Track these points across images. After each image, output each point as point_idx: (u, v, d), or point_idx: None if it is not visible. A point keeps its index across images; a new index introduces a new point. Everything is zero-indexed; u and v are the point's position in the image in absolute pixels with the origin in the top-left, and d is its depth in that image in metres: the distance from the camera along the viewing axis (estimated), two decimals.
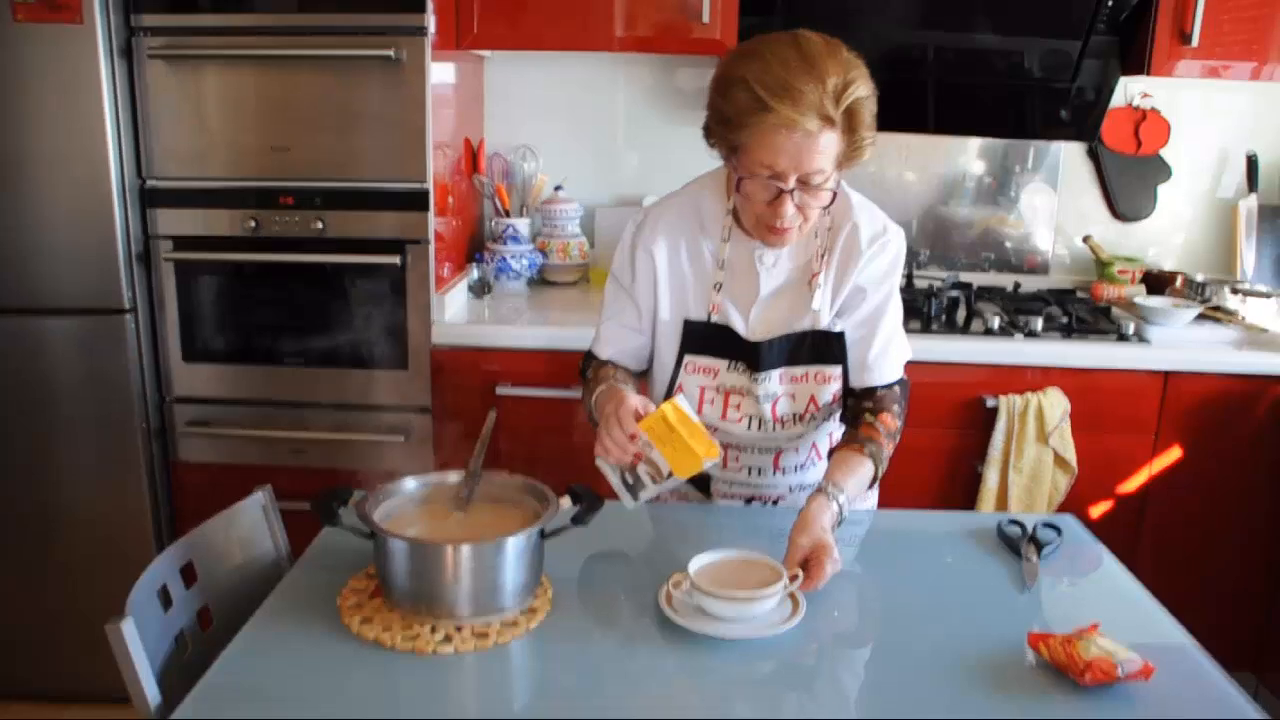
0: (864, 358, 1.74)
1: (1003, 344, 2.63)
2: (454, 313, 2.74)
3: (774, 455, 1.79)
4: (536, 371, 2.63)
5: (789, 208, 1.56)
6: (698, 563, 1.43)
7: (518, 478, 1.53)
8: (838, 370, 1.73)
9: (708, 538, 1.51)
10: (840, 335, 1.72)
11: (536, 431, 2.62)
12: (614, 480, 1.57)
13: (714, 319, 1.72)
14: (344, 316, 2.62)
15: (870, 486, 1.69)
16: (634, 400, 1.53)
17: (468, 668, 1.30)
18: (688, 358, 1.75)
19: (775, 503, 1.84)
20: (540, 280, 3.14)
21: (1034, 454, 2.63)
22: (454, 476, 1.53)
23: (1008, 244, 3.26)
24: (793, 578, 1.43)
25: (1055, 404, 2.61)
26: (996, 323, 2.69)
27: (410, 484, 1.52)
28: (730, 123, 1.54)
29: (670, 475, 1.51)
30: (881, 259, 1.73)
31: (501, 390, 2.63)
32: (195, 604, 1.53)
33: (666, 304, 1.75)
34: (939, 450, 2.65)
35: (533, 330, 2.67)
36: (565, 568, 1.50)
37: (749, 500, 1.84)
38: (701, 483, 1.84)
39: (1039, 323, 2.72)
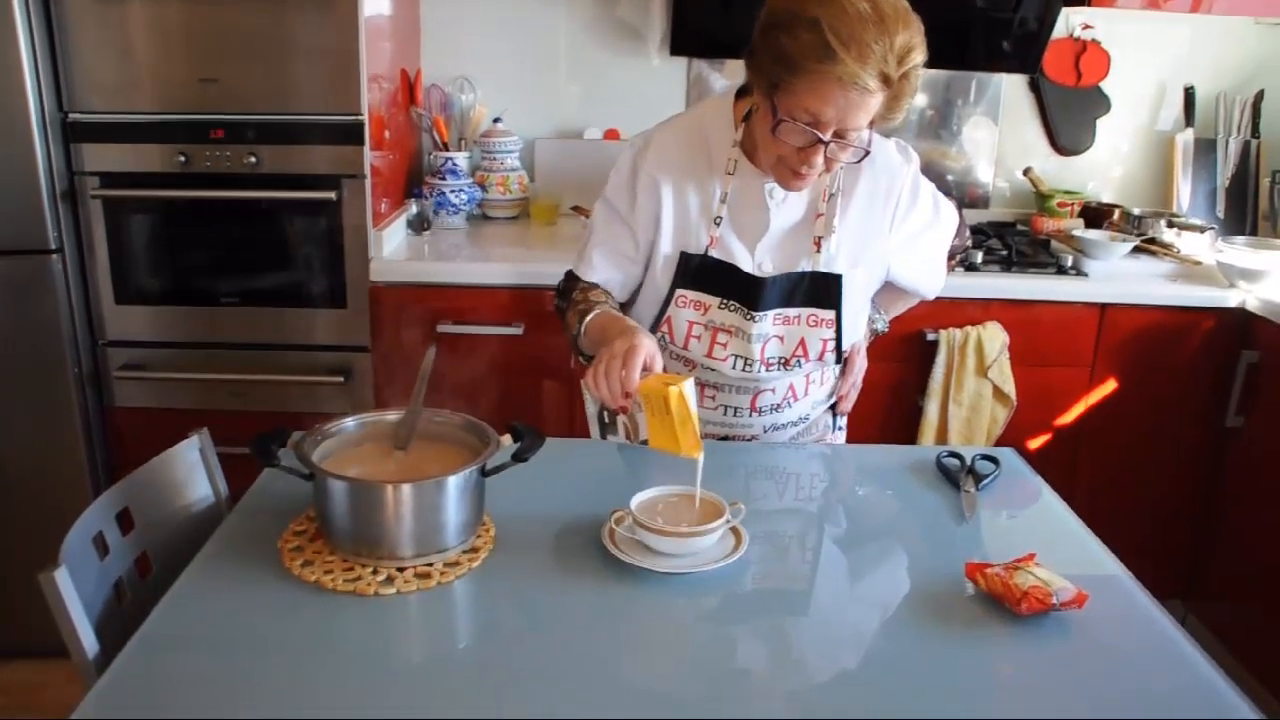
0: (927, 283, 1.86)
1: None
2: (392, 249, 2.70)
3: (751, 396, 1.78)
4: (477, 308, 2.61)
5: (820, 159, 1.52)
6: (640, 498, 1.44)
7: (458, 416, 1.51)
8: (830, 315, 1.70)
9: (663, 476, 1.50)
10: (838, 278, 1.69)
11: (477, 369, 2.60)
12: (590, 408, 1.52)
13: (712, 253, 1.68)
14: (280, 254, 2.58)
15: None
16: (646, 349, 1.46)
17: (411, 609, 1.29)
18: (679, 291, 1.70)
19: (749, 441, 1.83)
20: (480, 215, 3.10)
21: (973, 387, 2.67)
22: (394, 415, 1.51)
23: (949, 177, 3.28)
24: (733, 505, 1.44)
25: (994, 337, 2.64)
26: None
27: (349, 423, 1.50)
28: (789, 62, 1.45)
29: (644, 443, 1.47)
30: (905, 198, 1.72)
31: (442, 328, 2.60)
32: (133, 551, 1.51)
33: (669, 236, 1.70)
34: (880, 384, 2.67)
35: (473, 266, 2.64)
36: (508, 506, 1.50)
37: (722, 438, 1.83)
38: None
39: (979, 256, 2.74)
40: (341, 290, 2.59)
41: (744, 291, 1.68)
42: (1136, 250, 2.92)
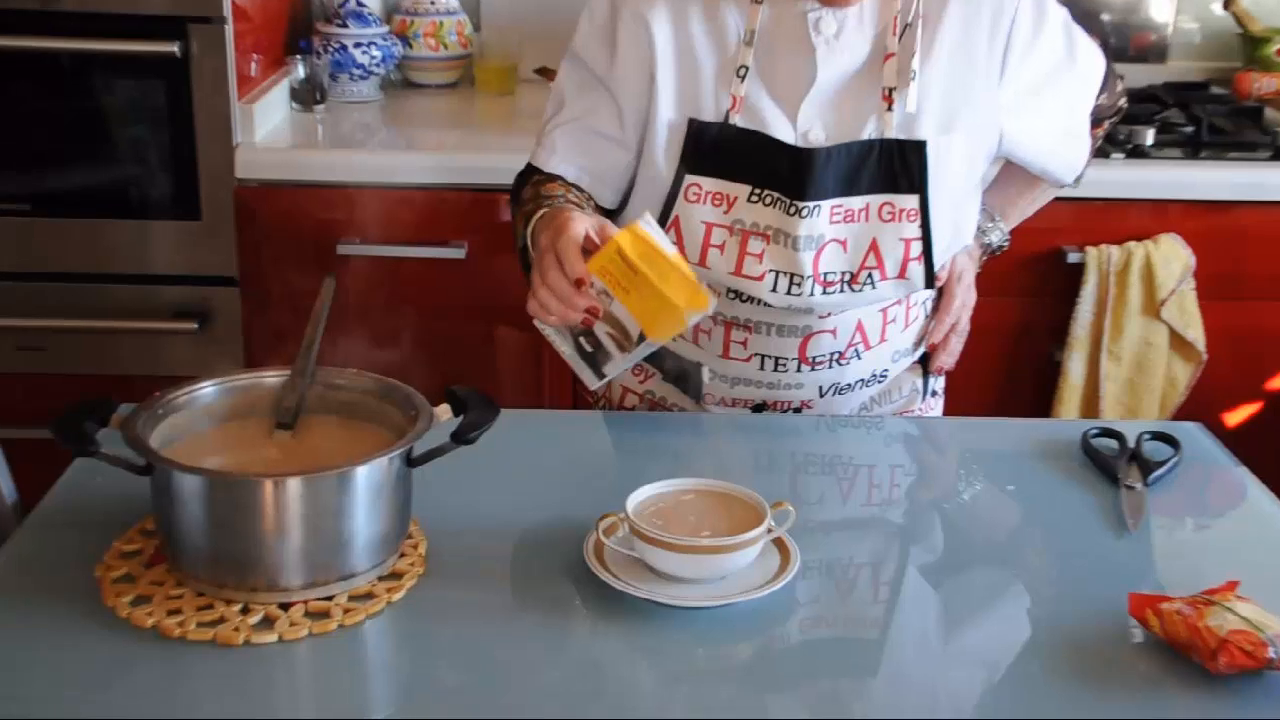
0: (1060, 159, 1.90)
1: (1093, 168, 2.62)
2: (270, 132, 2.71)
3: (801, 340, 1.77)
4: (398, 220, 2.62)
5: None
6: (639, 498, 1.43)
7: (370, 378, 1.51)
8: (913, 204, 1.68)
9: (676, 464, 1.49)
10: (921, 147, 1.67)
11: (398, 308, 2.61)
12: (565, 349, 1.56)
13: (735, 120, 1.68)
14: (95, 139, 2.58)
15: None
16: (581, 225, 1.49)
17: (299, 663, 1.30)
18: (689, 179, 1.70)
19: (798, 411, 1.84)
20: (400, 81, 3.11)
21: (1139, 333, 2.67)
22: (274, 377, 1.51)
23: (1105, 16, 3.25)
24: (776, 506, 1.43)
25: (1173, 258, 2.64)
26: None
27: (208, 391, 1.50)
28: None
29: (642, 339, 1.50)
30: (1024, 27, 1.71)
31: (344, 248, 2.61)
32: None
33: (670, 100, 1.71)
34: (999, 329, 2.67)
35: (390, 158, 2.66)
36: (446, 510, 1.51)
37: (758, 408, 1.83)
38: (691, 382, 1.84)
39: (1149, 135, 2.73)
40: (193, 193, 2.60)
41: (785, 174, 1.68)
42: None
